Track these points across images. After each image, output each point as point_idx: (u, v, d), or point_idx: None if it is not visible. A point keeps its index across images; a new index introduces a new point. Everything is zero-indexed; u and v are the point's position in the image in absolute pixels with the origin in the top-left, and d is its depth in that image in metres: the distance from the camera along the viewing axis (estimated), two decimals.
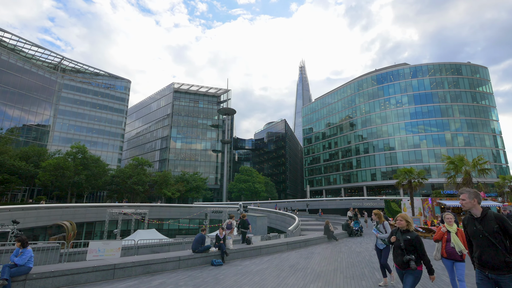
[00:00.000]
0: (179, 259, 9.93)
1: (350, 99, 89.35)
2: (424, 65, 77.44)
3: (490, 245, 3.66)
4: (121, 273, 8.48)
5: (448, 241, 6.37)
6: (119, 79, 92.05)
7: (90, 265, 8.01)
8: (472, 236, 3.90)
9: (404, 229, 5.27)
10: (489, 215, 3.77)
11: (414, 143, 74.09)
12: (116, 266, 8.40)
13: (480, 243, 3.76)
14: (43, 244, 12.42)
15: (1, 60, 67.24)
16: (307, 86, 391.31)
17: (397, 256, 5.17)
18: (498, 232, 3.64)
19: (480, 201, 3.92)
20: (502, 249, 3.58)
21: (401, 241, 5.13)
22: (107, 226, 37.81)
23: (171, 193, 67.84)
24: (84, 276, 7.83)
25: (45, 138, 76.01)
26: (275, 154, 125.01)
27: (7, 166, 46.66)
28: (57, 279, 7.37)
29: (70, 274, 7.61)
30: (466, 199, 3.94)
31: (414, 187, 28.63)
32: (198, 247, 10.82)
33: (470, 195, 3.93)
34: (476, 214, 3.89)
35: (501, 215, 3.73)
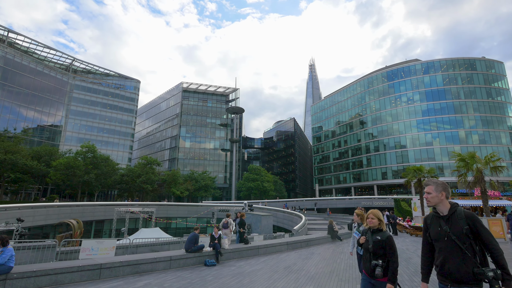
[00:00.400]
0: (170, 259, 9.68)
1: (360, 96, 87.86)
2: (436, 60, 75.38)
3: (456, 250, 2.95)
4: (108, 273, 8.28)
5: None
6: (128, 79, 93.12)
7: (74, 265, 7.83)
8: (435, 239, 3.14)
9: (375, 229, 4.37)
10: (458, 213, 3.05)
11: (427, 141, 72.24)
12: (102, 266, 8.20)
13: (444, 247, 3.02)
14: (39, 243, 12.40)
15: (15, 62, 68.91)
16: (317, 84, 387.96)
17: (366, 261, 4.27)
18: (468, 234, 2.93)
19: (448, 195, 3.20)
20: (471, 256, 2.87)
21: (370, 242, 4.25)
22: (115, 225, 38.21)
23: (180, 192, 68.23)
24: (68, 276, 7.64)
25: (58, 138, 77.60)
26: (284, 152, 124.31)
27: (19, 166, 47.66)
28: (39, 278, 7.20)
29: (54, 274, 7.43)
30: (432, 192, 3.19)
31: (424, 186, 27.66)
32: (191, 247, 10.56)
33: (437, 187, 3.18)
34: (442, 211, 3.16)
35: (472, 214, 3.02)
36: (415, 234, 22.62)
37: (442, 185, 3.19)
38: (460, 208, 3.10)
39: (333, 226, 19.32)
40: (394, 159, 75.67)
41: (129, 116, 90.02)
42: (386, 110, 79.45)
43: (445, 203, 3.17)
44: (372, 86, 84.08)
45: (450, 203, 3.18)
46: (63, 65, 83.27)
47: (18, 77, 69.20)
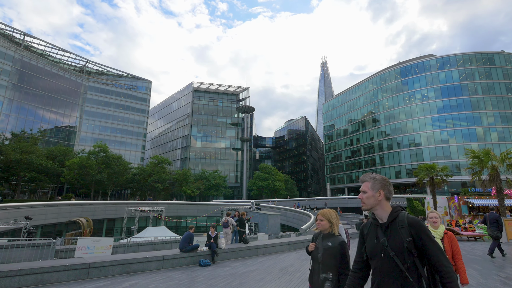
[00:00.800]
0: (163, 259, 9.49)
1: (372, 93, 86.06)
2: (452, 55, 72.90)
3: (394, 272, 2.10)
4: (97, 273, 8.15)
5: None
6: (140, 80, 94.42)
7: (61, 264, 7.73)
8: (371, 255, 2.28)
9: (326, 233, 3.54)
10: (399, 220, 2.18)
11: (442, 138, 70.03)
12: (91, 265, 8.07)
13: (380, 267, 2.17)
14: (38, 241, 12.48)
15: (32, 65, 70.94)
16: (329, 82, 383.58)
17: (314, 273, 3.43)
18: (411, 249, 2.07)
19: (389, 195, 2.31)
20: (414, 281, 2.04)
21: (320, 250, 3.41)
22: (125, 223, 38.72)
23: (191, 191, 68.68)
24: (55, 275, 7.54)
25: (73, 138, 79.52)
26: (296, 151, 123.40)
27: (34, 165, 48.95)
28: (24, 277, 7.11)
29: (40, 273, 7.34)
30: (368, 191, 2.32)
31: (437, 185, 26.65)
32: (185, 246, 10.34)
33: (374, 184, 2.31)
34: (381, 217, 2.30)
35: (417, 221, 2.14)
36: None
37: (381, 181, 2.33)
38: (404, 213, 2.22)
39: None
40: (408, 158, 73.74)
41: (141, 116, 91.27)
42: (400, 107, 77.49)
43: (384, 206, 2.30)
44: (385, 83, 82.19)
45: (392, 206, 2.33)
46: (77, 67, 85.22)
47: (34, 80, 71.24)
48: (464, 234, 19.58)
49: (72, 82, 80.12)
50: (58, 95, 76.07)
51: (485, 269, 9.85)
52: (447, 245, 4.46)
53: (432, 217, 4.84)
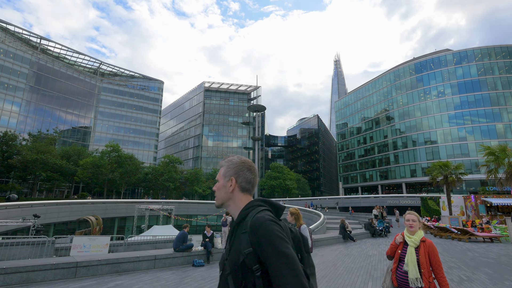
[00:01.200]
0: (154, 258, 9.29)
1: (386, 91, 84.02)
2: (469, 49, 70.20)
3: None
4: (85, 272, 8.01)
5: (401, 260, 3.80)
6: (152, 81, 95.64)
7: (48, 263, 7.62)
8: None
9: None
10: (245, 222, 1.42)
11: (460, 136, 67.58)
12: (78, 264, 7.94)
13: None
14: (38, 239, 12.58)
15: (48, 67, 72.95)
16: (342, 80, 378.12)
17: None
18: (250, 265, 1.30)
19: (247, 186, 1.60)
20: None
21: None
22: (136, 221, 39.18)
23: (202, 190, 69.05)
24: (41, 274, 7.44)
25: (88, 138, 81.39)
26: (308, 150, 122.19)
27: (50, 165, 50.25)
28: (9, 276, 7.03)
29: (25, 272, 7.25)
30: (220, 180, 1.65)
31: (452, 183, 25.51)
32: (178, 246, 10.12)
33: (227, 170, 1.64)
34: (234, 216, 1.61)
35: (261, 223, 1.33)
36: (439, 235, 20.87)
37: (236, 166, 1.64)
38: (255, 212, 1.43)
39: (345, 225, 18.20)
40: (424, 156, 71.58)
41: (154, 116, 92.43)
42: (415, 104, 75.31)
43: (238, 200, 1.58)
44: (399, 79, 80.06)
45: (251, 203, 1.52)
46: (91, 69, 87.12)
47: (50, 82, 73.25)
48: (479, 235, 18.62)
49: (87, 83, 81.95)
50: (74, 97, 77.96)
51: (496, 273, 9.19)
52: (423, 256, 3.57)
53: (409, 220, 3.92)
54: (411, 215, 3.96)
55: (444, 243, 17.19)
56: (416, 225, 3.86)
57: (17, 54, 66.77)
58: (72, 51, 78.79)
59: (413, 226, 3.85)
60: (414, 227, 3.84)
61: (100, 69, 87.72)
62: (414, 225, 3.86)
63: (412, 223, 3.88)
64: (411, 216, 3.95)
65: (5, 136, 49.81)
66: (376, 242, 17.76)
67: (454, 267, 10.13)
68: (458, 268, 9.88)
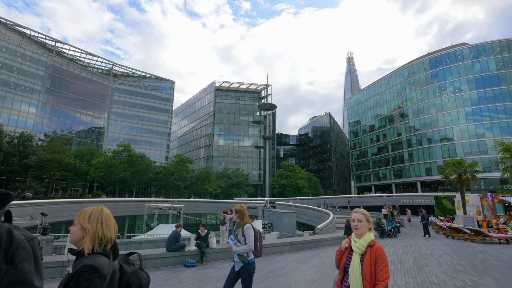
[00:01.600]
0: (145, 258, 9.12)
1: (399, 87, 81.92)
2: (487, 43, 67.44)
3: None
4: None
5: (346, 270, 3.03)
6: (164, 81, 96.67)
7: None
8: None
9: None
10: None
11: (477, 133, 65.13)
12: (64, 263, 7.84)
13: None
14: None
15: (63, 69, 74.82)
16: (355, 77, 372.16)
17: None
18: None
19: None
20: None
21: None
22: (146, 220, 39.55)
23: (213, 189, 69.24)
24: None
25: (101, 138, 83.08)
26: (320, 149, 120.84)
27: (64, 164, 51.46)
28: None
29: None
30: None
31: (466, 181, 24.40)
32: (171, 245, 9.92)
33: None
34: None
35: None
36: (451, 236, 19.98)
37: None
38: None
39: (350, 226, 17.61)
40: (440, 154, 69.39)
41: (165, 116, 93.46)
42: (430, 100, 73.08)
43: None
44: (413, 75, 77.88)
45: None
46: (104, 70, 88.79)
47: (65, 83, 75.10)
48: (494, 236, 17.67)
49: (100, 84, 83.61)
50: (88, 98, 79.68)
51: (506, 278, 8.54)
52: (368, 264, 2.82)
53: (354, 220, 3.09)
54: (357, 214, 3.11)
55: (455, 245, 16.40)
56: (362, 226, 3.03)
57: (33, 57, 68.72)
58: (85, 53, 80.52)
59: (359, 228, 3.03)
60: (360, 228, 3.02)
61: (113, 70, 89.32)
62: (360, 226, 3.03)
63: (358, 223, 3.04)
64: (357, 215, 3.10)
65: (21, 136, 51.27)
66: (383, 243, 17.12)
67: (460, 270, 9.52)
68: (465, 272, 9.27)
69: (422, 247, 15.15)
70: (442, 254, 12.94)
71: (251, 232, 4.71)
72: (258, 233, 4.87)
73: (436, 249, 14.42)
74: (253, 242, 4.65)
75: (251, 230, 4.75)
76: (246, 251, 4.61)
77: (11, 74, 64.16)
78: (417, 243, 16.83)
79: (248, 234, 4.68)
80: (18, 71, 65.45)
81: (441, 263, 10.81)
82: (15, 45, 65.84)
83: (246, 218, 4.86)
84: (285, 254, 12.51)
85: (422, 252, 13.36)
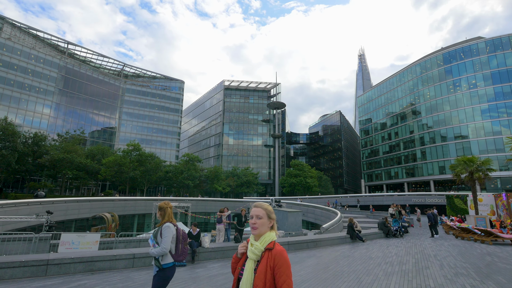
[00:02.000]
0: (133, 257, 9.00)
1: (411, 84, 79.94)
2: (504, 36, 64.94)
3: None
4: (56, 270, 7.84)
5: (239, 279, 2.26)
6: (173, 81, 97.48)
7: (17, 260, 7.50)
8: None
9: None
10: None
11: (494, 130, 62.86)
12: (49, 262, 7.79)
13: None
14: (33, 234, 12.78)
15: (75, 71, 76.39)
16: (367, 75, 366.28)
17: None
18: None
19: None
20: None
21: None
22: (154, 218, 39.88)
23: (222, 188, 69.37)
24: (9, 271, 7.33)
25: (113, 138, 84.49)
26: (331, 147, 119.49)
27: (75, 163, 52.54)
28: None
29: None
30: None
31: (478, 180, 23.42)
32: None
33: None
34: None
35: None
36: (460, 237, 19.20)
37: None
38: None
39: (353, 224, 17.15)
40: (454, 152, 67.34)
41: (175, 115, 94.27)
42: (443, 97, 70.98)
43: None
44: (426, 71, 75.81)
45: None
46: (116, 71, 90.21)
47: (78, 84, 76.69)
48: (506, 237, 16.84)
49: (112, 85, 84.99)
50: (99, 98, 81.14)
51: (510, 283, 7.99)
52: (261, 274, 2.10)
53: (252, 216, 2.34)
54: (256, 209, 2.37)
55: (463, 246, 15.71)
56: (261, 224, 2.30)
57: (47, 59, 70.39)
58: (97, 54, 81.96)
59: (257, 226, 2.29)
60: (258, 227, 2.29)
61: (123, 71, 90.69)
62: (259, 224, 2.30)
63: (256, 221, 2.30)
64: (256, 210, 2.36)
65: (35, 137, 52.62)
66: (387, 243, 16.59)
67: (462, 274, 9.00)
68: (467, 276, 8.75)
69: (427, 248, 14.57)
70: (446, 255, 12.36)
71: (169, 232, 4.14)
72: (182, 234, 4.34)
73: (442, 251, 13.82)
74: (169, 244, 4.10)
75: (169, 230, 4.16)
76: (159, 254, 4.05)
77: (25, 76, 65.90)
78: (422, 244, 16.22)
79: (165, 234, 4.12)
80: (32, 73, 67.18)
81: (444, 265, 10.29)
82: (29, 47, 67.56)
83: (168, 217, 4.32)
84: None
85: (426, 254, 12.82)
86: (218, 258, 10.81)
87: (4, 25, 67.79)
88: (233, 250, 11.36)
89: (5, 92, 62.38)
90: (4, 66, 62.76)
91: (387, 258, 11.58)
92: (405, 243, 16.76)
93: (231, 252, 11.26)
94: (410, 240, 18.05)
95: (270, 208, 2.41)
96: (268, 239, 2.25)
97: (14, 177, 55.65)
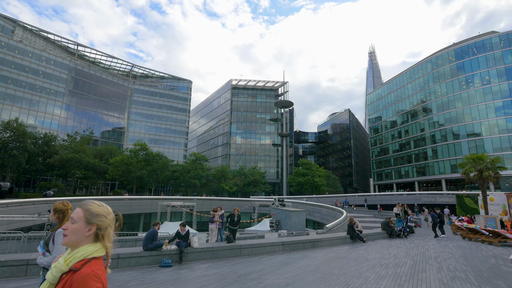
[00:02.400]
0: (117, 257, 8.85)
1: (422, 80, 78.15)
2: None
3: None
4: (36, 270, 7.73)
5: None
6: (181, 81, 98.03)
7: None
8: None
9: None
10: None
11: (508, 127, 60.86)
12: (29, 262, 7.69)
13: None
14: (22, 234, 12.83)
15: (85, 72, 77.61)
16: (378, 72, 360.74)
17: None
18: None
19: None
20: None
21: None
22: (159, 218, 40.05)
23: (229, 187, 69.29)
24: None
25: (122, 138, 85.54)
26: (339, 146, 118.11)
27: (84, 163, 53.30)
28: None
29: None
30: None
31: (487, 178, 22.53)
32: (147, 244, 9.60)
33: None
34: None
35: None
36: (468, 238, 18.47)
37: None
38: None
39: (353, 224, 16.66)
40: (466, 150, 65.42)
41: (183, 115, 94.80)
42: (455, 94, 69.13)
43: None
44: (437, 67, 73.97)
45: None
46: (124, 72, 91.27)
47: (87, 85, 77.91)
48: None
49: (120, 86, 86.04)
50: (109, 99, 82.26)
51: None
52: None
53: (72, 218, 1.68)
54: (76, 210, 1.72)
55: (468, 247, 15.06)
56: (73, 232, 1.65)
57: (57, 60, 71.70)
58: (106, 55, 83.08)
59: (67, 233, 1.66)
60: (69, 234, 1.65)
61: (132, 71, 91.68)
62: (70, 230, 1.66)
63: (68, 226, 1.68)
64: (75, 211, 1.71)
65: (45, 137, 53.60)
66: (389, 243, 16.07)
67: (460, 277, 8.50)
68: (464, 280, 8.25)
69: (429, 250, 14.00)
70: (448, 257, 11.81)
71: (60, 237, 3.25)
72: None
73: (444, 252, 13.24)
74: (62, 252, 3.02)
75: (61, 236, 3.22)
76: (49, 264, 3.18)
77: (36, 77, 67.27)
78: (426, 245, 15.63)
79: (58, 241, 3.25)
80: (43, 75, 68.53)
81: (442, 268, 9.79)
82: (40, 50, 68.92)
83: (66, 221, 3.40)
84: (275, 255, 11.89)
85: (427, 255, 12.28)
86: (207, 258, 10.58)
87: (16, 28, 69.38)
88: (224, 250, 11.12)
89: (17, 94, 63.85)
90: (16, 68, 64.21)
91: (383, 260, 11.13)
92: (408, 244, 16.19)
93: (222, 252, 11.01)
94: (414, 241, 17.45)
95: (99, 209, 1.73)
96: (80, 255, 1.59)
97: (25, 176, 56.86)
